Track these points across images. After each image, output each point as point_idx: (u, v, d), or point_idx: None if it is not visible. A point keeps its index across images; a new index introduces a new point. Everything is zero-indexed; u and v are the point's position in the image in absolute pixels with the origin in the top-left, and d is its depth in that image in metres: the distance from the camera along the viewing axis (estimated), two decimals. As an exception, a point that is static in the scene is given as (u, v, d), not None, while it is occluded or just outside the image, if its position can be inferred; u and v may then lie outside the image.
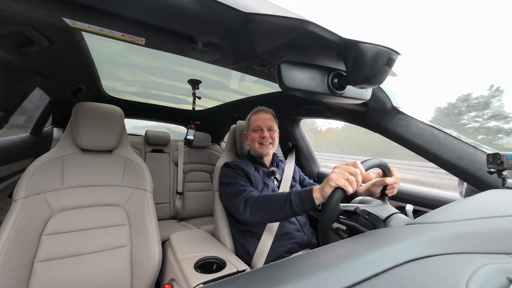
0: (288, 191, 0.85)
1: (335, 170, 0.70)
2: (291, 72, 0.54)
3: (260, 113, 1.20)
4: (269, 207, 0.85)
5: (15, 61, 0.85)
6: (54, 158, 0.98)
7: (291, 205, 0.79)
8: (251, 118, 1.23)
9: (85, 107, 1.04)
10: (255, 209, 0.89)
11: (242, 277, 0.31)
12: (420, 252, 0.39)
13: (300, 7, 0.49)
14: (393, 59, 0.50)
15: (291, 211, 0.80)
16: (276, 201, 0.84)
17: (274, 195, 0.86)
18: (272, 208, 0.84)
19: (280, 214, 0.83)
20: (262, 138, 1.16)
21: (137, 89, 1.79)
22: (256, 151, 1.18)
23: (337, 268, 0.33)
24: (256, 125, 1.18)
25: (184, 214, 2.03)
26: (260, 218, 0.88)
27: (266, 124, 1.17)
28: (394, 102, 0.99)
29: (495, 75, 21.85)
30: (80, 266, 0.90)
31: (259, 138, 1.16)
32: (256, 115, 1.21)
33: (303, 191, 0.79)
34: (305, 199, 0.77)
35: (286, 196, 0.82)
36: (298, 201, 0.79)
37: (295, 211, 0.79)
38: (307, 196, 0.76)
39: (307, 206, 0.77)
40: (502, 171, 0.74)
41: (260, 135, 1.16)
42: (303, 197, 0.78)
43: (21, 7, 0.50)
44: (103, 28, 0.54)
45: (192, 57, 0.69)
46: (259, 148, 1.16)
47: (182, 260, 0.91)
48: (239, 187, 1.00)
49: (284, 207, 0.81)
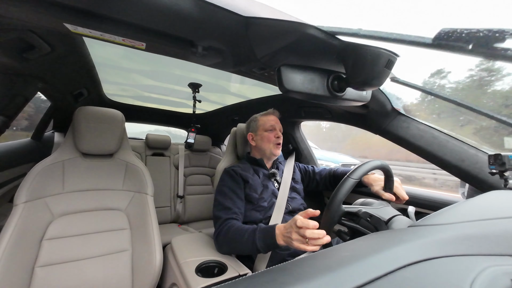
0: (254, 227, 0.88)
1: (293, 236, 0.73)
2: (291, 75, 0.55)
3: (271, 115, 1.23)
4: (236, 241, 0.90)
5: (17, 66, 0.86)
6: (55, 163, 0.98)
7: (254, 239, 0.84)
8: (261, 118, 1.22)
9: (86, 112, 1.04)
10: (223, 243, 0.95)
11: (244, 281, 0.31)
12: (423, 254, 0.38)
13: (299, 10, 0.50)
14: (392, 61, 0.50)
15: (253, 245, 0.84)
16: (242, 236, 0.88)
17: (243, 231, 0.90)
18: (238, 242, 0.89)
19: (244, 247, 0.88)
20: (277, 138, 1.17)
21: (138, 93, 1.80)
22: (270, 151, 1.17)
23: (339, 271, 0.33)
24: (270, 124, 1.18)
25: (185, 218, 2.02)
26: (227, 251, 0.96)
27: (279, 126, 1.21)
28: (394, 103, 0.99)
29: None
30: (81, 271, 0.89)
31: (274, 138, 1.17)
32: (268, 116, 1.22)
33: (268, 227, 0.85)
34: (268, 234, 0.83)
35: (252, 230, 0.87)
36: (260, 234, 0.84)
37: (256, 244, 0.84)
38: (270, 231, 0.82)
39: (268, 242, 0.82)
40: (504, 172, 0.74)
41: (274, 135, 1.17)
42: (267, 229, 0.84)
43: (23, 14, 0.50)
44: (104, 33, 0.55)
45: (192, 61, 0.69)
46: (273, 148, 1.17)
47: (183, 264, 0.91)
48: (224, 210, 1.00)
49: (247, 241, 0.86)
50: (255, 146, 1.21)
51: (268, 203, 1.07)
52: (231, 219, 0.97)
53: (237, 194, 1.05)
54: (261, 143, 1.19)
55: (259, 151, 1.21)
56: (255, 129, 1.22)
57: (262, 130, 1.19)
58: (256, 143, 1.21)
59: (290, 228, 0.75)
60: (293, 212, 1.10)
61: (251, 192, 1.06)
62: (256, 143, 1.21)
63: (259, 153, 1.22)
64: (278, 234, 0.81)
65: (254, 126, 1.23)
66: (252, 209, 1.05)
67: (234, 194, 1.04)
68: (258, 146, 1.20)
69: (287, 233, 0.75)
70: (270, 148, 1.17)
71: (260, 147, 1.19)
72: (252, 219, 1.03)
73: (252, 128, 1.24)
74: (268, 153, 1.18)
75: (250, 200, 1.06)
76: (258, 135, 1.20)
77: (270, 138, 1.17)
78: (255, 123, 1.23)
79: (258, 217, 1.03)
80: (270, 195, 1.10)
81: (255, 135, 1.21)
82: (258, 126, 1.21)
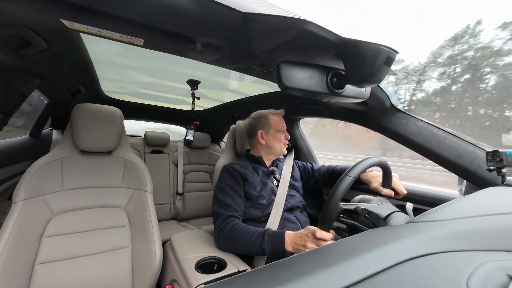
0: (262, 230, 0.90)
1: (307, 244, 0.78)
2: (290, 71, 0.55)
3: (280, 115, 1.24)
4: (240, 242, 0.91)
5: (13, 63, 0.85)
6: (54, 160, 0.98)
7: (261, 242, 0.86)
8: (273, 118, 1.21)
9: (84, 109, 1.03)
10: (225, 241, 0.95)
11: (243, 277, 0.31)
12: (421, 250, 0.39)
13: (298, 6, 0.49)
14: (391, 58, 0.50)
15: (259, 248, 0.87)
16: (248, 237, 0.90)
17: (250, 232, 0.91)
18: (243, 243, 0.90)
19: (249, 249, 0.90)
20: (286, 139, 1.21)
21: (136, 90, 1.79)
22: (280, 151, 1.20)
23: (338, 267, 0.33)
24: (281, 126, 1.21)
25: (184, 215, 2.03)
26: (228, 249, 0.97)
27: (285, 126, 1.24)
28: (393, 100, 0.99)
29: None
30: (80, 268, 0.90)
31: (284, 139, 1.20)
32: (278, 117, 1.23)
33: (277, 232, 0.88)
34: (277, 239, 0.85)
35: (260, 233, 0.89)
36: (269, 239, 0.86)
37: (263, 248, 0.86)
38: (280, 236, 0.85)
39: (276, 247, 0.85)
40: (501, 168, 0.74)
41: (285, 136, 1.21)
42: (276, 234, 0.87)
43: (19, 9, 0.50)
44: (101, 29, 0.54)
45: (190, 57, 0.69)
46: (283, 148, 1.20)
47: (183, 260, 0.91)
48: (224, 207, 1.01)
49: (254, 243, 0.88)
50: (265, 144, 1.20)
51: (267, 201, 1.07)
52: (233, 217, 0.98)
53: (237, 192, 1.05)
54: (272, 143, 1.19)
55: (267, 149, 1.21)
56: (266, 128, 1.20)
57: (274, 130, 1.19)
58: (266, 142, 1.20)
59: (305, 237, 0.79)
60: (291, 209, 1.10)
61: (250, 189, 1.07)
62: (266, 142, 1.20)
63: (264, 151, 1.21)
64: (287, 241, 0.83)
65: (265, 124, 1.21)
66: (251, 206, 1.05)
67: (233, 192, 1.05)
68: (269, 145, 1.19)
69: (301, 241, 0.79)
70: (281, 147, 1.19)
71: (271, 146, 1.19)
72: (251, 216, 1.04)
73: (262, 126, 1.21)
74: (278, 152, 1.21)
75: (249, 197, 1.06)
76: (270, 135, 1.19)
77: (281, 139, 1.19)
78: (266, 121, 1.21)
79: (257, 215, 1.04)
80: (269, 192, 1.10)
81: (266, 133, 1.20)
82: (271, 125, 1.20)
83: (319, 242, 0.75)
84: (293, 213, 1.10)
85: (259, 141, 1.20)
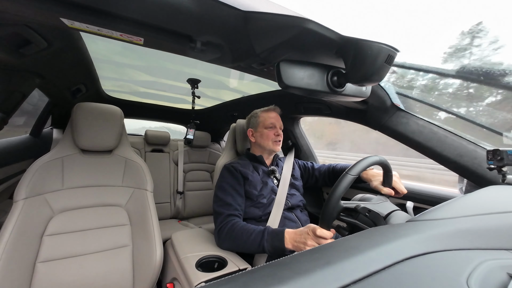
0: (262, 228, 0.90)
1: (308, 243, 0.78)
2: (290, 70, 0.54)
3: (272, 112, 1.22)
4: (240, 240, 0.91)
5: (14, 62, 0.85)
6: (54, 159, 0.98)
7: (261, 240, 0.86)
8: (262, 115, 1.21)
9: (84, 108, 1.03)
10: (225, 239, 0.95)
11: (243, 276, 0.31)
12: (421, 249, 0.39)
13: (299, 5, 0.49)
14: (392, 56, 0.50)
15: (259, 246, 0.87)
16: (248, 236, 0.89)
17: (249, 231, 0.91)
18: (243, 241, 0.90)
19: (249, 247, 0.89)
20: (277, 135, 1.17)
21: (137, 89, 1.79)
22: (270, 148, 1.18)
23: (338, 266, 0.33)
24: (270, 122, 1.18)
25: (184, 214, 2.03)
26: (228, 248, 0.96)
27: (279, 123, 1.20)
28: (394, 99, 0.99)
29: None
30: (81, 267, 0.90)
31: (274, 136, 1.17)
32: (269, 113, 1.21)
33: (277, 230, 0.88)
34: (277, 236, 0.85)
35: (260, 231, 0.89)
36: (268, 237, 0.86)
37: (263, 246, 0.86)
38: (279, 233, 0.85)
39: (276, 245, 0.84)
40: (502, 167, 0.74)
41: (274, 133, 1.18)
42: (276, 232, 0.87)
43: (19, 8, 0.50)
44: (101, 28, 0.54)
45: (191, 56, 0.69)
46: (273, 145, 1.17)
47: (184, 259, 0.91)
48: (225, 206, 1.01)
49: (254, 241, 0.88)
50: (255, 142, 1.21)
51: (267, 200, 1.07)
52: (234, 216, 0.98)
53: (237, 191, 1.05)
54: (260, 140, 1.19)
55: (259, 147, 1.21)
56: (255, 125, 1.21)
57: (262, 127, 1.19)
58: (255, 140, 1.21)
59: (305, 235, 0.79)
60: (292, 208, 1.10)
61: (251, 189, 1.07)
62: (255, 140, 1.21)
63: (258, 150, 1.22)
64: (287, 239, 0.83)
65: (254, 122, 1.22)
66: (252, 205, 1.05)
67: (234, 191, 1.05)
68: (258, 142, 1.20)
69: (301, 239, 0.79)
70: (270, 145, 1.17)
71: (259, 143, 1.20)
72: (252, 215, 1.04)
73: (252, 124, 1.23)
74: (267, 150, 1.19)
75: (249, 196, 1.06)
76: (258, 132, 1.19)
77: (269, 135, 1.17)
78: (256, 119, 1.22)
79: (258, 214, 1.04)
80: (270, 191, 1.10)
81: (255, 131, 1.21)
82: (258, 122, 1.20)
83: (319, 240, 0.74)
84: (294, 212, 1.10)
85: (250, 139, 1.23)
